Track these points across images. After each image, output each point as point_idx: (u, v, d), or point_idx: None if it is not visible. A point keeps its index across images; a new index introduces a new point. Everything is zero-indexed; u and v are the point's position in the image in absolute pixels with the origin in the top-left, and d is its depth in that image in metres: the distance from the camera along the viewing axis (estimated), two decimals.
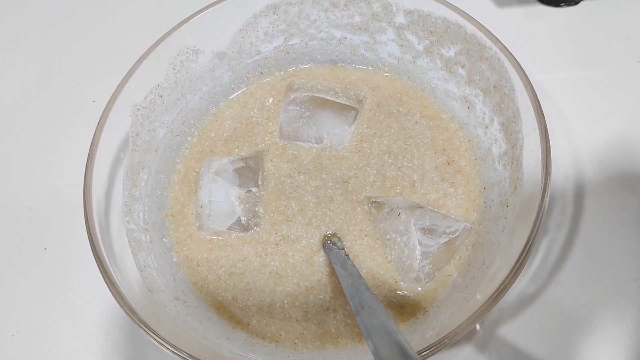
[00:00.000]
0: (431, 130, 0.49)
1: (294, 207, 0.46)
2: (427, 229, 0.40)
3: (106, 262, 0.37)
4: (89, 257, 0.37)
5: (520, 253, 0.33)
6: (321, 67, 0.54)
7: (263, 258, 0.44)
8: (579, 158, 0.50)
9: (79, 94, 0.61)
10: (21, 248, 0.51)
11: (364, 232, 0.44)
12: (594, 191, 0.48)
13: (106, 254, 0.38)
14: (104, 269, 0.37)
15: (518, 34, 0.58)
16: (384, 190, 0.46)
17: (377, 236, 0.43)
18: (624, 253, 0.45)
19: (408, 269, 0.40)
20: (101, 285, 0.36)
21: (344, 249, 0.42)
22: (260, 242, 0.45)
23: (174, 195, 0.48)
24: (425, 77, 0.50)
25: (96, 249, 0.38)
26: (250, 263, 0.44)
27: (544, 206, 0.35)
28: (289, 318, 0.41)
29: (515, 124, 0.41)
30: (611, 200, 0.47)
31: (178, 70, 0.49)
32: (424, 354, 0.32)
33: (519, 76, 0.39)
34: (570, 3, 0.59)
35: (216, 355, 0.36)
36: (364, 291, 0.34)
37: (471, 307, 0.34)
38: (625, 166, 0.49)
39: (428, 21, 0.47)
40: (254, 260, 0.44)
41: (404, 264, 0.41)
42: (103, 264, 0.37)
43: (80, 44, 0.66)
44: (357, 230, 0.44)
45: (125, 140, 0.45)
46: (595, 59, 0.56)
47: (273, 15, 0.50)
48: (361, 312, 0.31)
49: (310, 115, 0.48)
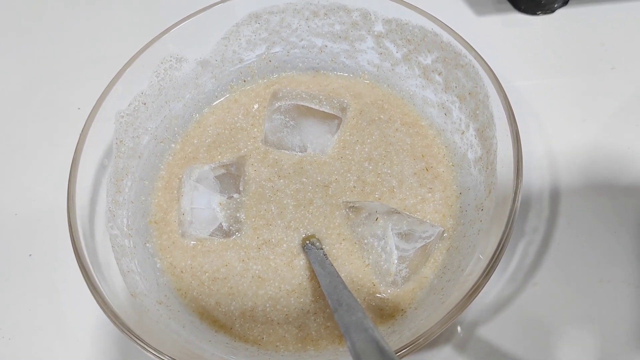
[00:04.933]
0: (411, 138, 0.50)
1: (273, 211, 0.47)
2: (404, 233, 0.41)
3: (89, 268, 0.38)
4: (74, 263, 0.38)
5: (492, 255, 0.34)
6: (303, 74, 0.55)
7: (246, 262, 0.45)
8: (554, 163, 0.51)
9: (64, 101, 0.61)
10: (6, 254, 0.51)
11: (342, 235, 0.45)
12: (569, 195, 0.49)
13: (90, 260, 0.38)
14: (87, 275, 0.37)
15: (496, 41, 0.60)
16: (364, 196, 0.47)
17: (355, 240, 0.44)
18: (598, 255, 0.46)
19: (385, 272, 0.41)
20: (86, 292, 0.37)
21: (322, 249, 0.42)
22: (243, 247, 0.45)
23: (158, 201, 0.49)
24: (404, 84, 0.52)
25: (79, 255, 0.38)
26: (233, 268, 0.45)
27: (516, 208, 0.36)
28: (271, 321, 0.42)
29: (489, 129, 0.42)
30: (586, 204, 0.48)
31: (162, 78, 0.50)
32: (401, 353, 0.32)
33: (492, 83, 0.41)
34: (547, 11, 0.61)
35: (198, 358, 0.37)
36: (341, 289, 0.35)
37: (446, 307, 0.35)
38: (600, 171, 0.50)
39: (406, 30, 0.48)
40: (237, 265, 0.45)
41: (382, 268, 0.41)
42: (86, 270, 0.37)
43: (66, 51, 0.66)
44: (336, 234, 0.45)
45: (110, 147, 0.45)
46: (570, 66, 0.57)
47: (255, 24, 0.51)
48: (339, 310, 0.32)
49: (294, 125, 0.49)
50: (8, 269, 0.51)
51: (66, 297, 0.48)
